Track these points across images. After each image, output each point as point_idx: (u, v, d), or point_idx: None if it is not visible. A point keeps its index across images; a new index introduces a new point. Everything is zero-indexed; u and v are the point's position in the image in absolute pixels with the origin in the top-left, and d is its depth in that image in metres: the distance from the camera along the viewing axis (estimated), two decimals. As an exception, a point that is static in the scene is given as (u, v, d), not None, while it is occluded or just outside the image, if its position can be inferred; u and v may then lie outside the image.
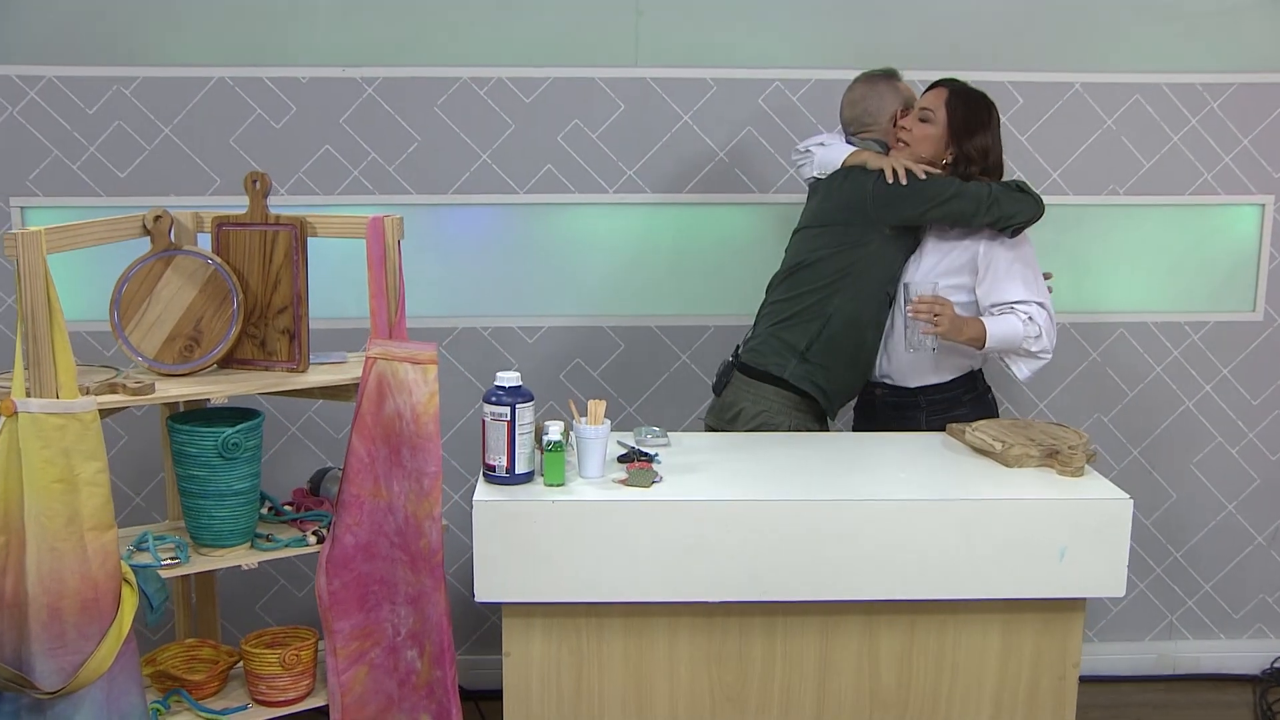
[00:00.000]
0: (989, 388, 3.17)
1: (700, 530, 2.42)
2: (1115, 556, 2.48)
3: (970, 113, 2.98)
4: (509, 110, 3.47)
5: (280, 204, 3.43)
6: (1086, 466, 2.64)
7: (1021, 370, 3.01)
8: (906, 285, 2.95)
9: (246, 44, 3.39)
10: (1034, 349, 2.97)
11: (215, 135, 3.42)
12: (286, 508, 2.75)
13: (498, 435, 2.47)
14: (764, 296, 3.12)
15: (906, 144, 3.03)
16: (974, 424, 2.85)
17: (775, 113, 3.52)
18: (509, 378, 2.48)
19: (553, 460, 2.47)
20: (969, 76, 3.48)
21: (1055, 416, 3.69)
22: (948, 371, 3.06)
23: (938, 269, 2.99)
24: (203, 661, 2.68)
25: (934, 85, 3.04)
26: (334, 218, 2.59)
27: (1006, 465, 2.66)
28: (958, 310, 2.94)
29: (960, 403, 3.08)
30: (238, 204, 3.06)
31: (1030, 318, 2.94)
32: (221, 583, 3.51)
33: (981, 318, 2.95)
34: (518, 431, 2.47)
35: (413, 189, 3.48)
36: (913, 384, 3.07)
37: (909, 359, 3.02)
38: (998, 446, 2.69)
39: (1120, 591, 2.50)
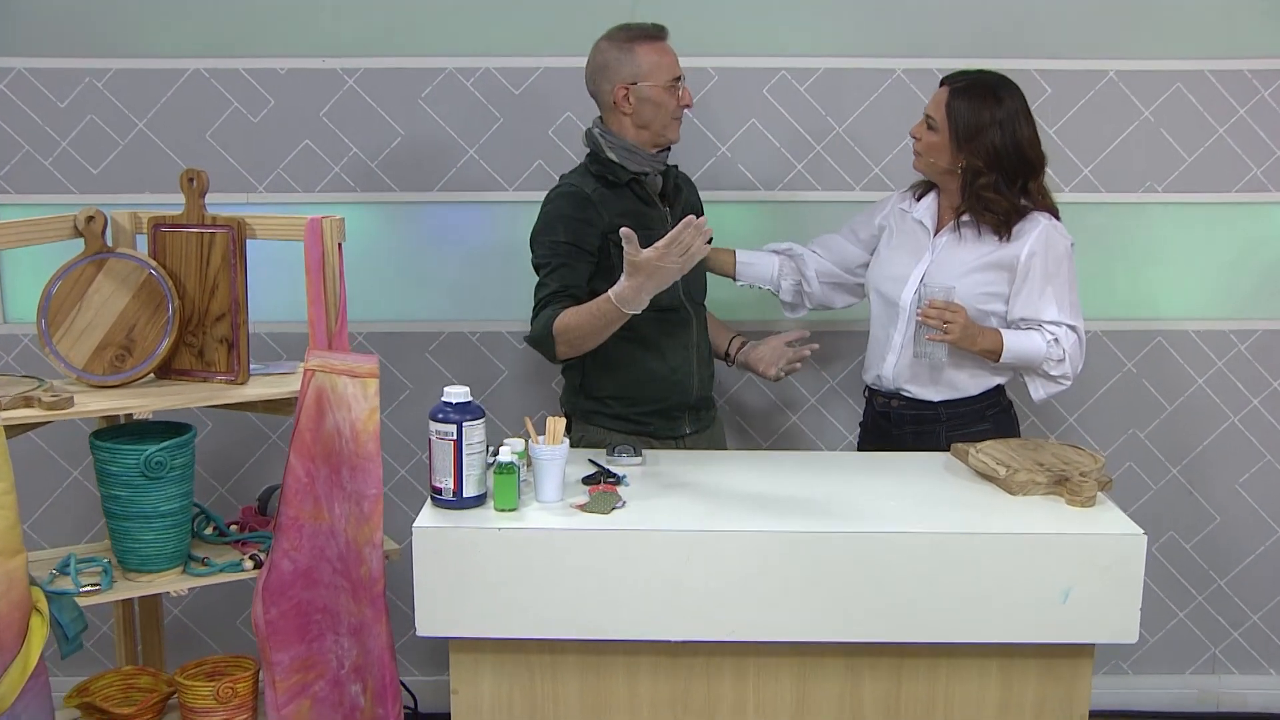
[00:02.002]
0: (1011, 402, 2.92)
1: (662, 562, 2.21)
2: (1127, 598, 2.22)
3: (972, 113, 2.68)
4: (497, 102, 3.27)
5: (259, 202, 3.29)
6: (1100, 496, 2.39)
7: (1037, 390, 2.78)
8: (923, 286, 2.71)
9: (222, 34, 3.23)
10: (1054, 373, 2.74)
11: (190, 129, 3.26)
12: (232, 527, 2.58)
13: (443, 455, 2.27)
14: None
15: (919, 154, 2.78)
16: (980, 444, 2.60)
17: (781, 104, 3.28)
18: (456, 393, 2.28)
19: (503, 483, 2.27)
20: (991, 64, 3.22)
21: (1086, 431, 3.42)
22: (971, 384, 2.82)
23: (969, 265, 2.74)
24: (140, 691, 2.52)
25: (942, 81, 2.79)
26: (273, 218, 2.42)
27: (1010, 492, 2.42)
28: (992, 321, 2.73)
29: (983, 418, 2.84)
30: (212, 203, 2.89)
31: (1056, 340, 2.71)
32: (199, 597, 3.37)
33: (1002, 330, 2.72)
34: (465, 451, 2.27)
35: (396, 186, 3.30)
36: (934, 397, 2.82)
37: (926, 371, 2.79)
38: (1001, 471, 2.44)
39: (1132, 638, 2.24)
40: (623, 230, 2.41)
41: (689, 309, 2.79)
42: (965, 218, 2.76)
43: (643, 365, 2.77)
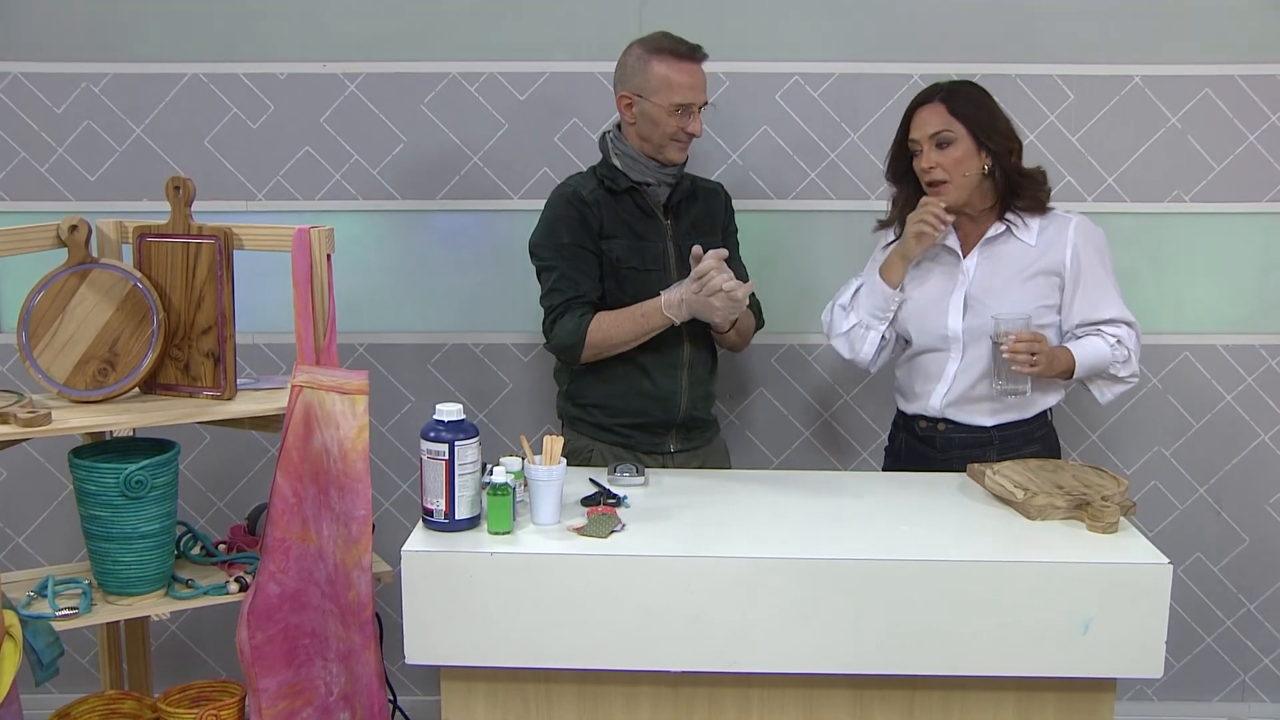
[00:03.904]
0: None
1: (663, 589, 2.11)
2: (1152, 630, 2.11)
3: (975, 106, 2.61)
4: (502, 108, 3.18)
5: (258, 210, 3.21)
6: (1123, 520, 2.27)
7: (1104, 394, 2.70)
8: (995, 319, 2.56)
9: (221, 38, 3.15)
10: (1122, 374, 2.66)
11: (189, 136, 3.19)
12: (220, 547, 2.50)
13: (435, 476, 2.18)
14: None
15: (946, 181, 2.60)
16: (998, 465, 2.49)
17: (794, 111, 3.18)
18: (449, 410, 2.19)
19: (497, 505, 2.18)
20: (1012, 69, 3.17)
21: (1109, 449, 3.30)
22: (1034, 406, 2.70)
23: (1013, 280, 2.64)
24: (122, 716, 2.44)
25: (919, 104, 2.64)
26: (261, 228, 2.33)
27: (1028, 517, 2.31)
28: (1050, 333, 2.64)
29: (1033, 439, 2.73)
30: (210, 211, 2.82)
31: (1119, 340, 2.62)
32: (196, 613, 3.28)
33: (1068, 345, 2.62)
34: (458, 472, 2.18)
35: (398, 193, 3.22)
36: (988, 422, 2.69)
37: (988, 402, 2.67)
38: (1019, 495, 2.33)
39: (1157, 673, 2.12)
40: (694, 249, 2.50)
41: (682, 328, 2.68)
42: (994, 230, 2.66)
43: (626, 379, 2.71)
